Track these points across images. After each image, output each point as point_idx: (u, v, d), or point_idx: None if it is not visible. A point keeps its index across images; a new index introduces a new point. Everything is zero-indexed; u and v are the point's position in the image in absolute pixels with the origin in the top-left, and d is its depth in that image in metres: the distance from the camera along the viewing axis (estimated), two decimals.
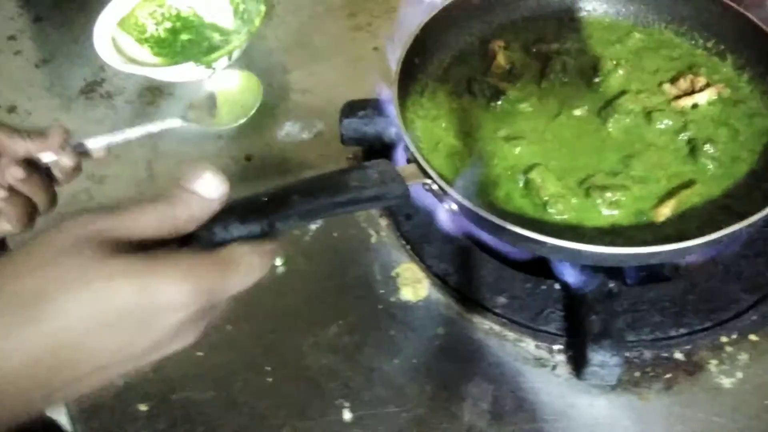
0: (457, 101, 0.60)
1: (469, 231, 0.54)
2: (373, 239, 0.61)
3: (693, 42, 0.62)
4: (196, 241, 0.36)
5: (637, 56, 0.62)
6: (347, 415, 0.51)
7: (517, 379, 0.52)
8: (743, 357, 0.51)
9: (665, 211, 0.50)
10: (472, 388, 0.51)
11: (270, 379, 0.53)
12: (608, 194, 0.51)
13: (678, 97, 0.58)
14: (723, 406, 0.48)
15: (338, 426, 0.50)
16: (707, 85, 0.57)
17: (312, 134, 0.71)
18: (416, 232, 0.59)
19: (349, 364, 0.53)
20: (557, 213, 0.51)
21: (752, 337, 0.51)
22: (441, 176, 0.49)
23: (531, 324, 0.53)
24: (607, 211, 0.51)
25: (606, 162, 0.54)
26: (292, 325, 0.56)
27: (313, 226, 0.62)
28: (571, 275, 0.50)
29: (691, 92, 0.57)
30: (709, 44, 0.61)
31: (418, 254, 0.58)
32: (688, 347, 0.51)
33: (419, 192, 0.50)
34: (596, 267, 0.50)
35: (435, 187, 0.49)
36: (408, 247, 0.59)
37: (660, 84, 0.59)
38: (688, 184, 0.52)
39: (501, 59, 0.62)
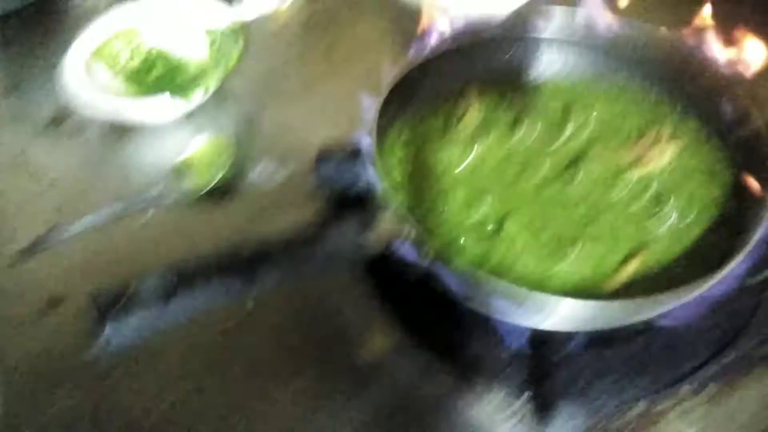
0: (427, 151, 0.61)
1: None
2: None
3: (662, 96, 0.64)
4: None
5: (606, 110, 0.64)
6: None
7: (485, 429, 0.53)
8: (702, 407, 0.53)
9: (620, 279, 0.52)
10: None
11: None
12: (570, 255, 0.53)
13: (640, 155, 0.60)
14: None
15: None
16: (669, 141, 0.60)
17: (285, 176, 0.71)
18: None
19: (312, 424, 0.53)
20: (520, 271, 0.52)
21: (711, 387, 0.54)
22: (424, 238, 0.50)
23: (497, 378, 0.54)
24: (567, 273, 0.52)
25: (568, 224, 0.56)
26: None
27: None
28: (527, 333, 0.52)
29: (653, 149, 0.60)
30: (675, 100, 0.64)
31: (380, 310, 0.58)
32: (650, 398, 0.53)
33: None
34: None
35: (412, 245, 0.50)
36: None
37: (627, 139, 0.61)
38: (642, 249, 0.54)
39: (471, 116, 0.64)
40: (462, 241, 0.54)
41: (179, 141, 0.73)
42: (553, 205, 0.57)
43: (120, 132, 0.75)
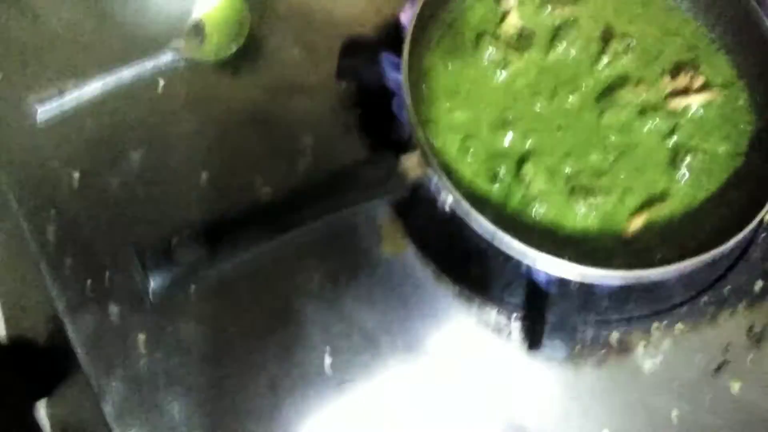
0: (464, 60, 0.59)
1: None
2: None
3: (706, 28, 0.61)
4: None
5: (648, 35, 0.61)
6: (327, 361, 0.58)
7: (474, 341, 0.59)
8: (666, 343, 0.60)
9: (635, 225, 0.55)
10: (435, 345, 0.59)
11: (259, 324, 0.58)
12: (590, 199, 0.55)
13: (675, 93, 0.59)
14: (642, 385, 0.58)
15: (319, 370, 0.58)
16: (704, 87, 0.59)
17: (303, 51, 0.68)
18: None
19: (331, 312, 0.59)
20: (538, 212, 0.55)
21: (678, 326, 0.60)
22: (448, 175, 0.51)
23: (496, 298, 0.59)
24: (583, 215, 0.55)
25: (594, 158, 0.57)
26: (278, 267, 0.60)
27: (302, 164, 0.64)
28: (537, 273, 0.55)
29: (687, 91, 0.59)
30: (715, 35, 0.61)
31: (402, 214, 0.61)
32: (624, 329, 0.60)
33: None
34: None
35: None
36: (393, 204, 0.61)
37: (661, 74, 0.60)
38: (661, 198, 0.56)
39: (512, 18, 0.60)
40: (481, 179, 0.55)
41: None
42: (578, 140, 0.57)
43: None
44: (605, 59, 0.59)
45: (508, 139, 0.56)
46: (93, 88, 0.62)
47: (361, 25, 0.66)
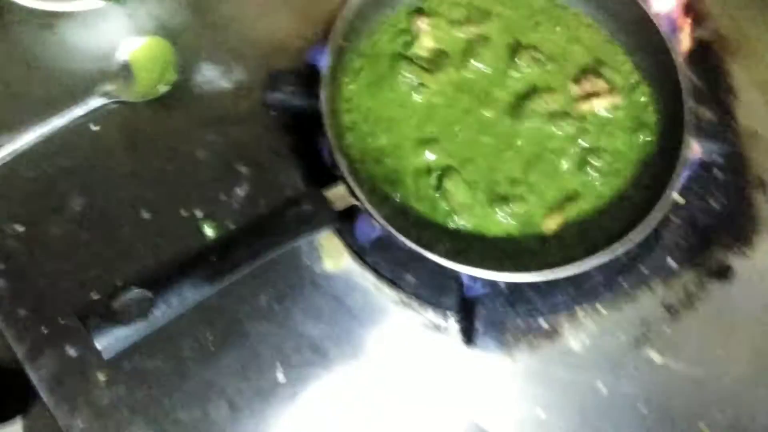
0: (383, 85, 0.62)
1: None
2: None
3: (608, 33, 0.66)
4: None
5: (553, 44, 0.65)
6: (280, 376, 0.62)
7: (417, 341, 0.64)
8: (591, 325, 0.65)
9: (552, 225, 0.60)
10: (381, 349, 0.63)
11: (212, 348, 0.62)
12: (507, 208, 0.59)
13: (581, 98, 0.64)
14: (572, 365, 0.64)
15: (273, 385, 0.62)
16: (608, 91, 0.63)
17: (231, 82, 0.70)
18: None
19: (281, 329, 0.63)
20: (461, 223, 0.59)
21: (601, 308, 0.66)
22: (371, 199, 0.55)
23: (432, 299, 0.64)
24: (504, 221, 0.59)
25: (509, 168, 0.61)
26: (228, 293, 0.64)
27: (240, 192, 0.67)
28: (465, 278, 0.60)
29: (592, 95, 0.63)
30: (616, 39, 0.66)
31: (339, 230, 0.65)
32: (551, 317, 0.65)
33: None
34: None
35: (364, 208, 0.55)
36: None
37: (568, 81, 0.64)
38: (573, 198, 0.60)
39: (425, 41, 0.63)
40: (407, 197, 0.59)
41: (115, 37, 0.69)
42: (494, 152, 0.61)
43: (49, 24, 0.70)
44: (515, 72, 0.63)
45: (429, 157, 0.60)
46: (26, 139, 0.64)
47: (288, 56, 0.69)
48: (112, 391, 0.60)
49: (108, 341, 0.44)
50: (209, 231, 0.65)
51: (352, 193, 0.54)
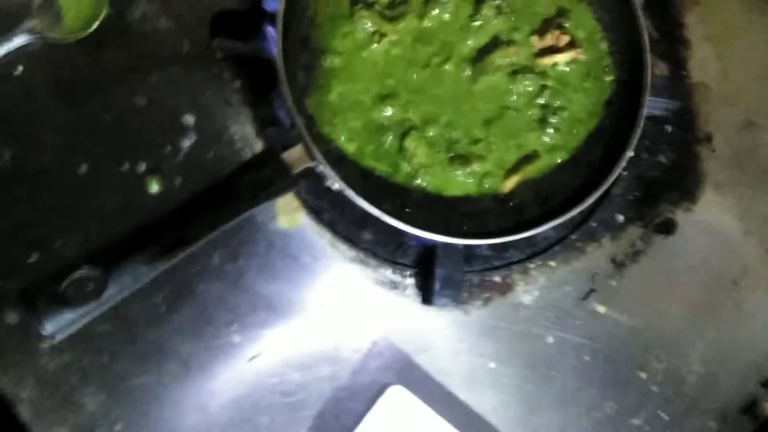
0: (340, 33, 0.59)
1: None
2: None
3: None
4: None
5: None
6: (236, 337, 0.61)
7: (374, 299, 0.64)
8: (542, 279, 0.67)
9: (510, 184, 0.59)
10: (337, 307, 0.63)
11: (163, 309, 0.60)
12: (467, 168, 0.58)
13: (543, 52, 0.62)
14: (522, 318, 0.66)
15: (228, 346, 0.61)
16: (569, 45, 0.62)
17: (172, 20, 0.64)
18: None
19: (235, 288, 0.61)
20: (421, 183, 0.58)
21: (551, 263, 0.67)
22: (329, 159, 0.52)
23: (389, 257, 0.63)
24: (463, 181, 0.59)
25: (470, 126, 0.60)
26: None
27: (187, 143, 0.63)
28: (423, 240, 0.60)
29: (554, 50, 0.62)
30: None
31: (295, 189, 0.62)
32: (505, 272, 0.66)
33: None
34: None
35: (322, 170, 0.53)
36: None
37: (530, 34, 0.62)
38: (531, 157, 0.60)
39: None
40: (367, 157, 0.57)
41: None
42: (455, 109, 0.60)
43: None
44: (477, 23, 0.61)
45: (388, 113, 0.58)
46: None
47: None
48: (58, 358, 0.57)
49: (58, 324, 0.41)
50: (154, 186, 0.61)
51: (310, 155, 0.52)
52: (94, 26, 0.62)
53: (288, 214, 0.63)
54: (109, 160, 0.61)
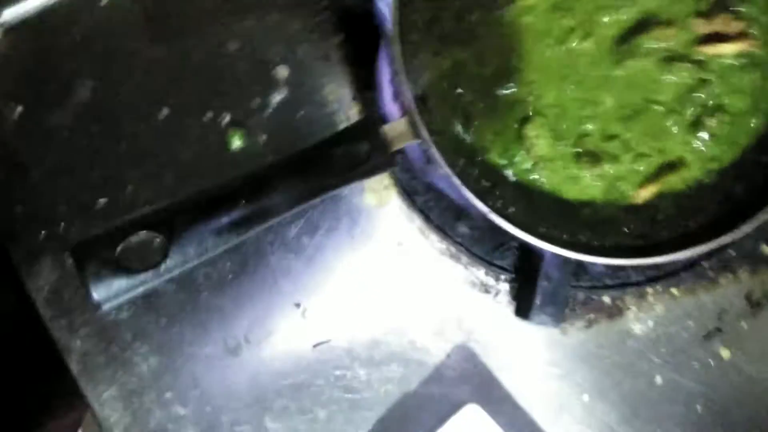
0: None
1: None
2: (343, 126, 0.56)
3: None
4: None
5: None
6: (303, 320, 0.55)
7: (461, 300, 0.56)
8: (659, 307, 0.57)
9: (645, 194, 0.49)
10: (418, 301, 0.56)
11: (229, 277, 0.55)
12: (596, 168, 0.49)
13: (706, 38, 0.51)
14: (629, 349, 0.56)
15: (293, 329, 0.55)
16: (741, 34, 0.50)
17: None
18: None
19: (308, 267, 0.55)
20: (540, 178, 0.49)
21: (674, 290, 0.57)
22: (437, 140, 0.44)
23: (485, 256, 0.55)
24: (589, 182, 0.49)
25: (605, 118, 0.50)
26: None
27: (277, 98, 0.56)
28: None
29: (721, 38, 0.50)
30: None
31: None
32: (616, 293, 0.57)
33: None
34: None
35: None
36: None
37: (693, 15, 0.51)
38: (676, 165, 0.50)
39: None
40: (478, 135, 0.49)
41: None
42: (589, 96, 0.50)
43: None
44: None
45: (509, 91, 0.49)
46: (29, 4, 0.53)
47: None
48: (114, 312, 0.53)
49: (107, 292, 0.36)
50: (237, 142, 0.55)
51: (416, 132, 0.44)
52: None
53: (377, 191, 0.56)
54: (192, 106, 0.56)
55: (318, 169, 0.40)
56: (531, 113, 0.49)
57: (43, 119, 0.54)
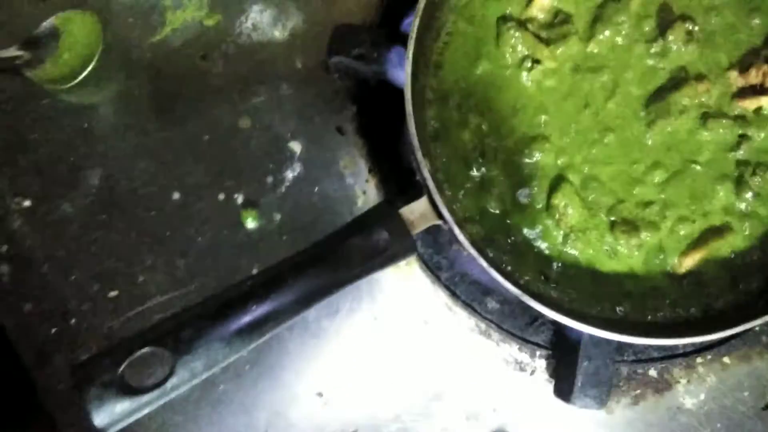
0: (481, 55, 0.47)
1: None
2: (360, 202, 0.54)
3: None
4: None
5: (715, 15, 0.48)
6: (325, 410, 0.52)
7: (495, 379, 0.52)
8: (711, 378, 0.53)
9: (689, 263, 0.46)
10: (449, 383, 0.52)
11: (248, 366, 0.52)
12: (634, 238, 0.45)
13: (743, 91, 0.48)
14: (681, 425, 0.52)
15: (316, 418, 0.51)
16: None
17: (286, 31, 0.56)
18: None
19: (330, 351, 0.52)
20: (572, 250, 0.46)
21: (725, 359, 0.53)
22: (458, 219, 0.42)
23: (518, 332, 0.52)
24: (627, 253, 0.46)
25: (640, 183, 0.47)
26: None
27: (290, 174, 0.54)
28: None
29: (760, 90, 0.47)
30: None
31: None
32: (663, 365, 0.52)
33: None
34: None
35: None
36: None
37: (728, 68, 0.48)
38: (721, 230, 0.46)
39: (543, 1, 0.48)
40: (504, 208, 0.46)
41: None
42: (621, 160, 0.47)
43: None
44: (657, 48, 0.47)
45: (535, 159, 0.46)
46: None
47: (360, 6, 0.54)
48: None
49: (110, 417, 0.33)
50: (251, 223, 0.53)
51: (437, 212, 0.41)
52: (84, 74, 0.53)
53: (400, 267, 0.53)
54: (204, 188, 0.53)
55: (333, 263, 0.37)
56: (559, 181, 0.46)
57: (51, 210, 0.52)
